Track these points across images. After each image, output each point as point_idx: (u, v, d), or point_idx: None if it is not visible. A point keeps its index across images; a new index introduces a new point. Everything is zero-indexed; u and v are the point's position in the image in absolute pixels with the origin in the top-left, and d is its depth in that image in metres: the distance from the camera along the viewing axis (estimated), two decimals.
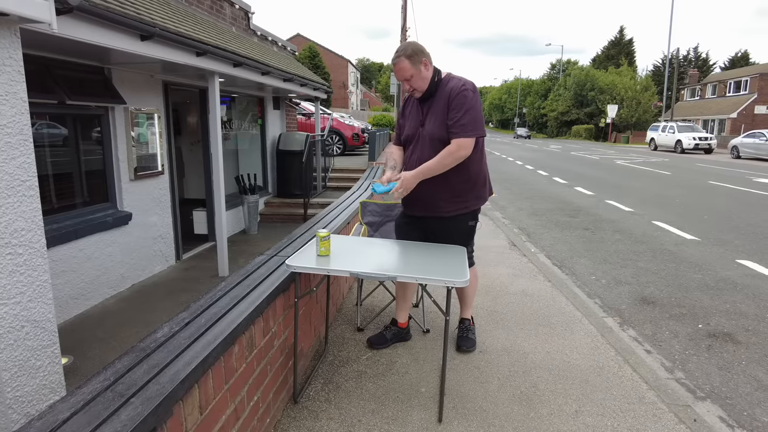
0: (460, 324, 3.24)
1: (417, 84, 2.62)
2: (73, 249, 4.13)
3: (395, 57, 2.59)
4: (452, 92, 2.59)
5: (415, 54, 2.56)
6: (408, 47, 2.59)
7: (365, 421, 2.36)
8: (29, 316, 2.35)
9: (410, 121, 2.79)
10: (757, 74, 33.89)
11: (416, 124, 2.74)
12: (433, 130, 2.64)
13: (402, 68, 2.57)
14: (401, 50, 2.58)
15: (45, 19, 2.28)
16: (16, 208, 2.25)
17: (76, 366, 3.42)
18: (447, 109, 2.60)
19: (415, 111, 2.78)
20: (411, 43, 2.65)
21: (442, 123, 2.60)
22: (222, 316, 1.83)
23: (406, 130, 2.80)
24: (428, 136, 2.66)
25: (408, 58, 2.55)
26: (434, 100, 2.66)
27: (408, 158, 2.79)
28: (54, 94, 3.87)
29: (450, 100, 2.59)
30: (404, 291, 3.12)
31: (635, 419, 2.44)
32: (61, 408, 1.23)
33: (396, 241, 2.82)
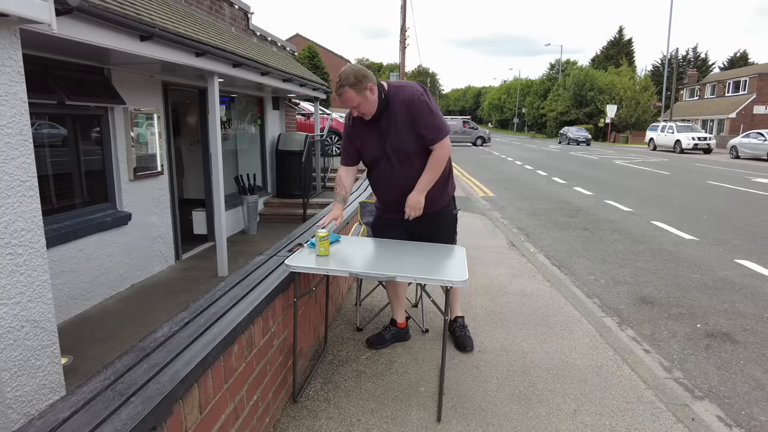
0: (454, 323, 3.23)
1: (365, 109, 2.55)
2: (72, 249, 4.13)
3: (338, 87, 2.49)
4: (411, 103, 2.56)
5: (358, 81, 2.47)
6: (350, 75, 2.47)
7: (364, 420, 2.37)
8: (29, 316, 2.35)
9: (368, 142, 2.71)
10: (756, 74, 33.92)
11: (378, 143, 2.67)
12: (401, 144, 2.61)
13: (348, 98, 2.50)
14: (344, 80, 2.47)
15: (45, 20, 2.29)
16: (16, 208, 2.26)
17: (75, 366, 3.42)
18: (410, 121, 2.57)
19: (370, 131, 2.68)
20: (353, 69, 2.52)
21: (411, 135, 2.59)
22: (221, 315, 1.84)
23: (368, 152, 2.74)
24: (399, 151, 2.63)
25: (352, 87, 2.47)
26: (389, 115, 2.60)
27: (384, 178, 2.75)
28: (53, 95, 3.88)
29: (411, 107, 2.56)
30: (395, 290, 3.13)
31: (633, 418, 2.45)
32: (62, 407, 1.23)
33: (395, 241, 2.83)
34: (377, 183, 2.84)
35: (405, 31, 23.21)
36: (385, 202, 2.89)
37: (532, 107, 62.98)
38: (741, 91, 35.24)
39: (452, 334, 3.20)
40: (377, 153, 2.70)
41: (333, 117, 14.62)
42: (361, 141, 2.74)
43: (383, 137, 2.64)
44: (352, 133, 2.76)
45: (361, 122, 2.68)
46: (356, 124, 2.72)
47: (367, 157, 2.77)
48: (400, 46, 24.13)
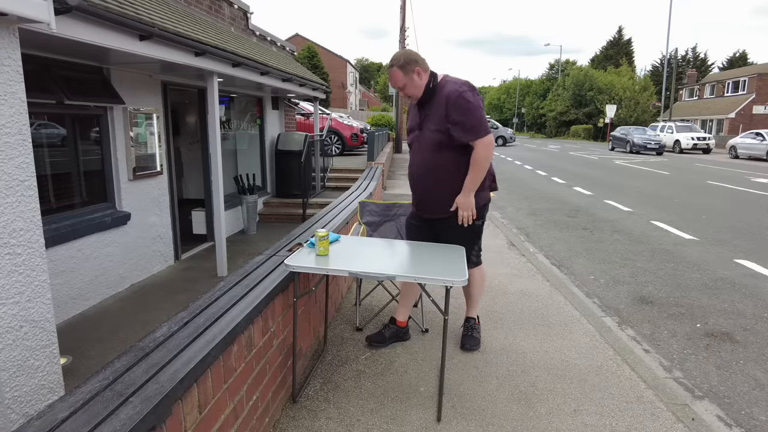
0: (465, 323, 3.24)
1: (410, 92, 2.73)
2: (71, 249, 4.12)
3: (389, 66, 2.70)
4: (449, 97, 2.64)
5: (407, 63, 2.64)
6: (401, 57, 2.67)
7: (364, 420, 2.36)
8: (28, 316, 2.35)
9: (411, 124, 2.93)
10: (756, 74, 33.94)
11: (415, 128, 2.87)
12: (429, 134, 2.74)
13: (394, 78, 2.69)
14: (394, 60, 2.67)
15: (44, 19, 2.28)
16: (15, 208, 2.25)
17: (74, 366, 3.42)
18: (445, 114, 2.64)
19: (414, 115, 2.90)
20: (405, 52, 2.73)
21: (438, 127, 2.68)
22: (221, 315, 1.83)
23: (409, 134, 2.96)
24: (425, 139, 2.78)
25: (400, 68, 2.65)
26: (431, 105, 2.74)
27: (409, 162, 2.96)
28: (53, 94, 3.87)
29: (448, 103, 2.63)
30: (409, 290, 3.13)
31: (633, 418, 2.44)
32: (60, 407, 1.23)
33: (395, 240, 2.84)
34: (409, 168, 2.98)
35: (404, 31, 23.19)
36: (412, 191, 2.98)
37: (532, 107, 62.99)
38: (740, 91, 35.26)
39: (463, 334, 3.21)
40: (413, 135, 2.89)
41: (332, 117, 14.61)
42: (409, 122, 2.98)
43: (421, 123, 2.80)
44: (410, 115, 3.01)
45: (414, 107, 2.89)
46: (411, 109, 2.96)
47: (408, 138, 2.97)
48: (400, 47, 24.13)
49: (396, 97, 23.99)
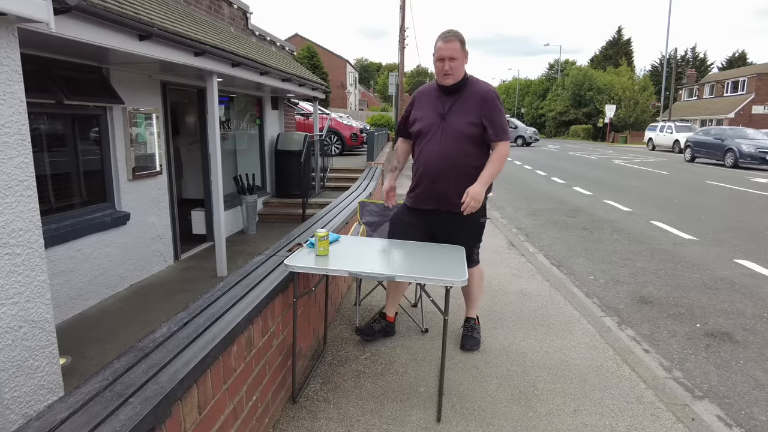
0: (465, 323, 3.24)
1: (456, 69, 2.67)
2: (71, 249, 4.12)
3: (449, 35, 2.62)
4: (488, 94, 2.70)
5: (463, 42, 2.66)
6: (460, 33, 2.66)
7: (364, 420, 2.36)
8: (27, 317, 2.34)
9: (427, 112, 2.79)
10: (755, 74, 33.95)
11: (435, 115, 2.75)
12: (460, 125, 2.69)
13: (453, 48, 2.62)
14: (454, 33, 2.64)
15: (43, 19, 2.28)
16: (14, 208, 2.25)
17: (74, 366, 3.41)
18: (481, 109, 2.68)
19: (433, 102, 2.78)
20: (460, 32, 2.69)
21: (473, 120, 2.68)
22: (220, 315, 1.83)
23: (421, 122, 2.80)
24: (453, 130, 2.70)
25: (460, 42, 2.64)
26: (462, 95, 2.72)
27: (422, 150, 2.80)
28: (52, 94, 3.87)
29: (485, 101, 2.69)
30: (397, 287, 3.15)
31: (633, 418, 2.44)
32: (60, 408, 1.23)
33: (394, 240, 2.83)
34: (420, 159, 2.83)
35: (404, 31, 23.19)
36: (420, 181, 2.82)
37: (531, 107, 63.00)
38: (739, 91, 35.28)
39: (463, 334, 3.21)
40: (430, 124, 2.76)
41: (332, 117, 14.61)
42: (421, 110, 2.84)
43: (445, 111, 2.73)
44: (417, 103, 2.88)
45: (431, 94, 2.82)
46: (425, 95, 2.85)
47: (416, 126, 2.83)
48: (399, 46, 24.10)
49: (396, 97, 23.98)
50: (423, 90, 2.90)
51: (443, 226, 2.84)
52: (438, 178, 2.74)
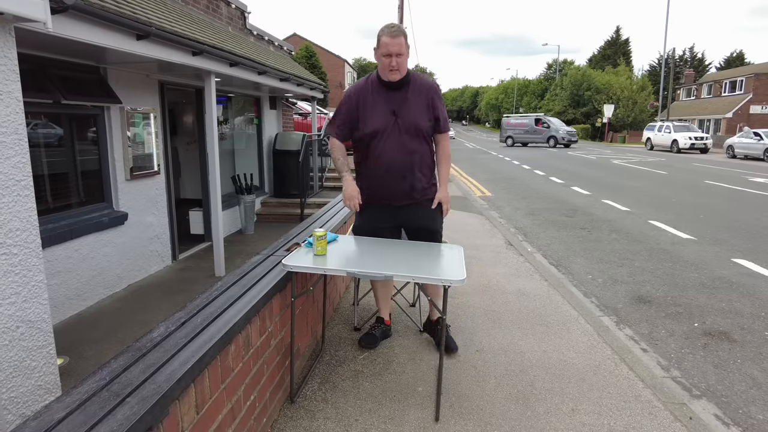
0: (435, 323, 3.14)
1: (402, 65, 2.63)
2: (68, 249, 4.11)
3: (395, 31, 2.56)
4: (432, 88, 2.74)
5: (407, 37, 2.61)
6: (404, 28, 2.62)
7: (362, 420, 2.36)
8: (24, 317, 2.34)
9: (376, 112, 2.69)
10: (753, 74, 34.03)
11: (387, 114, 2.68)
12: (415, 120, 2.69)
13: (400, 44, 2.57)
14: (399, 28, 2.59)
15: (40, 18, 2.27)
16: (11, 207, 2.24)
17: (71, 366, 3.41)
18: (430, 103, 2.72)
19: (382, 100, 2.69)
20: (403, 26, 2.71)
21: (425, 114, 2.72)
22: (218, 315, 1.83)
23: (373, 121, 2.69)
24: (411, 126, 2.68)
25: (405, 37, 2.60)
26: (409, 90, 2.71)
27: (382, 151, 2.70)
28: (49, 94, 3.86)
29: (431, 94, 2.73)
30: (385, 288, 3.15)
31: (631, 417, 2.44)
32: (57, 408, 1.22)
33: (393, 240, 2.82)
34: (377, 160, 2.73)
35: None
36: (380, 186, 2.77)
37: (530, 107, 63.03)
38: (737, 91, 35.35)
39: (434, 335, 3.15)
40: (384, 122, 2.68)
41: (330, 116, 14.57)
42: (366, 109, 2.71)
43: (397, 108, 2.70)
44: (358, 101, 2.73)
45: (372, 91, 2.73)
46: (365, 93, 2.74)
47: (369, 127, 2.69)
48: None
49: None
50: (359, 89, 2.75)
51: (412, 217, 2.83)
52: (406, 175, 2.72)
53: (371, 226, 2.86)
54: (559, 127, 30.55)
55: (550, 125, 30.54)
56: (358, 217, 2.91)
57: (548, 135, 29.97)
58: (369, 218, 2.86)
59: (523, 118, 32.85)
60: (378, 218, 2.84)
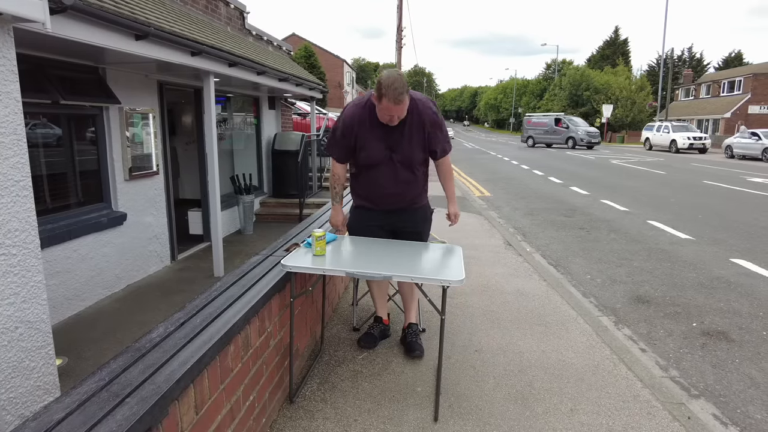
0: (407, 329, 3.09)
1: (403, 115, 2.56)
2: (67, 249, 4.11)
3: (400, 96, 2.41)
4: (427, 118, 2.67)
5: (407, 86, 2.48)
6: (404, 83, 2.44)
7: (361, 420, 2.36)
8: (23, 317, 2.34)
9: (373, 145, 2.69)
10: (751, 74, 34.09)
11: (382, 148, 2.68)
12: (412, 154, 2.72)
13: (404, 107, 2.49)
14: (402, 88, 2.42)
15: (39, 19, 2.27)
16: (10, 208, 2.24)
17: (70, 367, 3.40)
18: (426, 136, 2.70)
19: (377, 134, 2.66)
20: (400, 76, 2.46)
21: (422, 148, 2.72)
22: (217, 315, 1.83)
23: (366, 152, 2.72)
24: (406, 159, 2.72)
25: (408, 94, 2.48)
26: (406, 125, 2.64)
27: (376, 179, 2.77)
28: (48, 94, 3.85)
29: (428, 128, 2.68)
30: (380, 287, 3.15)
31: (630, 417, 2.45)
32: (56, 408, 1.22)
33: (392, 240, 2.83)
34: (372, 183, 2.82)
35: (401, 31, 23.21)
36: (374, 200, 2.88)
37: (529, 107, 63.08)
38: (736, 91, 35.41)
39: (402, 341, 3.09)
40: (380, 157, 2.72)
41: (329, 117, 14.59)
42: (364, 142, 2.70)
43: (393, 144, 2.68)
44: (355, 132, 2.69)
45: (370, 124, 2.65)
46: (363, 126, 2.67)
47: (366, 158, 2.75)
48: (397, 46, 24.11)
49: None
50: (357, 119, 2.67)
51: (405, 221, 2.92)
52: (400, 196, 2.85)
53: (364, 224, 2.95)
54: (579, 127, 28.52)
55: (570, 125, 28.59)
56: (351, 216, 3.05)
57: (567, 136, 28.16)
58: (362, 218, 2.97)
59: (544, 117, 31.03)
60: (371, 218, 2.93)
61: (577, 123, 29.30)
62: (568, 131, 28.15)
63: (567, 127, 28.39)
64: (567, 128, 28.34)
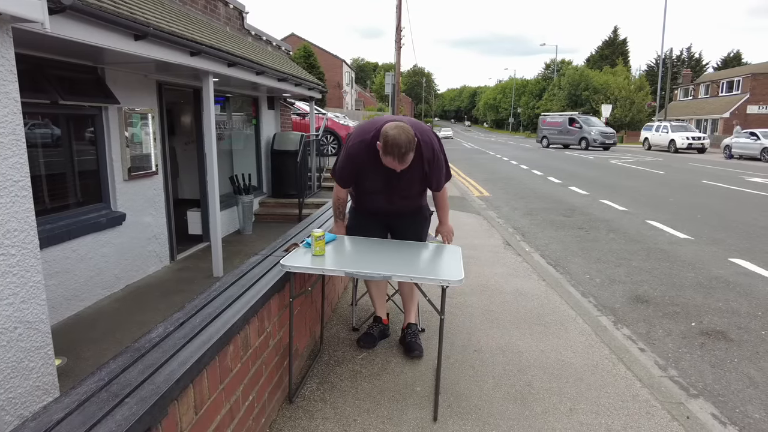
0: (407, 329, 3.10)
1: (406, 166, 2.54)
2: (66, 249, 4.10)
3: (406, 156, 2.42)
4: (427, 160, 2.66)
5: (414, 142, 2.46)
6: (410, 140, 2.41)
7: (360, 420, 2.36)
8: (22, 318, 2.33)
9: (375, 178, 2.71)
10: (750, 74, 34.14)
11: (385, 182, 2.71)
12: (410, 188, 2.79)
13: (409, 161, 2.49)
14: (406, 147, 2.40)
15: (37, 19, 2.27)
16: (9, 208, 2.24)
17: (69, 367, 3.40)
18: (426, 174, 2.72)
19: (380, 173, 2.65)
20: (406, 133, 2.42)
21: (419, 183, 2.77)
22: (217, 315, 1.83)
23: (371, 185, 2.78)
24: (405, 190, 2.79)
25: (413, 150, 2.47)
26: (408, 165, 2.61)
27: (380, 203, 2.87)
28: (47, 94, 3.85)
29: (425, 164, 2.67)
30: (378, 286, 3.15)
31: (629, 417, 2.45)
32: (56, 408, 1.22)
33: (391, 240, 2.83)
34: (372, 201, 2.91)
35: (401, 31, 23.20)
36: (373, 211, 2.97)
37: (528, 107, 63.17)
38: (735, 91, 35.45)
39: (402, 341, 3.10)
40: (380, 188, 2.77)
41: (328, 117, 14.59)
42: (366, 175, 2.73)
43: (394, 181, 2.69)
44: (358, 167, 2.71)
45: (372, 162, 2.62)
46: (365, 161, 2.65)
47: (367, 187, 2.82)
48: (396, 46, 24.10)
49: (392, 97, 24.00)
50: (362, 158, 2.65)
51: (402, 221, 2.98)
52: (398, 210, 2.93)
53: (362, 223, 2.99)
54: (592, 127, 26.65)
55: (583, 125, 26.69)
56: (350, 216, 3.07)
57: (580, 136, 26.34)
58: (360, 217, 3.01)
59: (558, 116, 29.70)
60: (370, 221, 2.97)
61: (591, 122, 27.41)
62: (581, 131, 26.36)
63: (580, 127, 26.62)
64: (580, 128, 26.58)
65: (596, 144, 25.88)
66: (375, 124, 2.64)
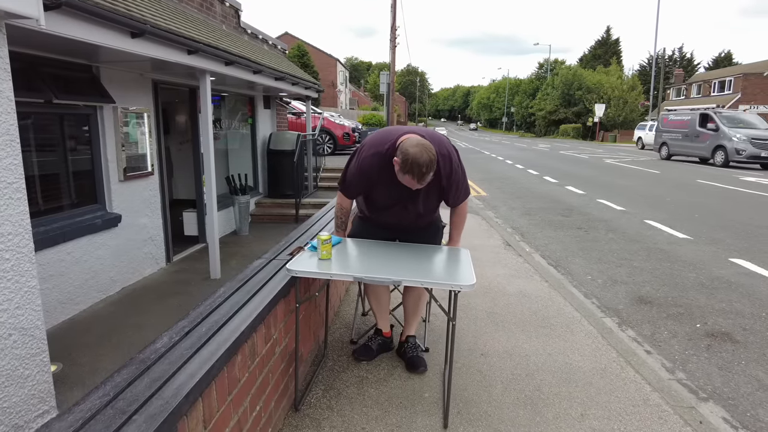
0: (405, 343, 2.94)
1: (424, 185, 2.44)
2: (61, 252, 4.01)
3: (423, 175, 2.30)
4: (445, 176, 2.53)
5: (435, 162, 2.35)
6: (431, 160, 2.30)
7: (369, 428, 2.30)
8: (17, 324, 2.25)
9: (389, 195, 2.60)
10: (741, 74, 34.41)
11: (398, 197, 2.58)
12: (427, 205, 2.66)
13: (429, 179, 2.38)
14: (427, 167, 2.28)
15: (32, 15, 2.19)
16: (3, 211, 2.16)
17: (65, 373, 3.31)
18: (443, 192, 2.62)
19: (394, 190, 2.53)
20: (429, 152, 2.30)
21: (436, 197, 2.66)
22: (224, 324, 1.76)
23: (383, 198, 2.66)
24: (418, 207, 2.64)
25: (434, 169, 2.36)
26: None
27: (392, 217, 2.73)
28: (41, 93, 3.75)
29: (443, 180, 2.54)
30: (377, 295, 2.93)
31: (641, 422, 2.41)
32: (59, 427, 1.15)
33: (399, 243, 2.77)
34: (379, 215, 2.78)
35: (395, 30, 23.13)
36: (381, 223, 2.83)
37: (521, 106, 63.35)
38: (726, 90, 35.72)
39: (403, 356, 2.92)
40: (393, 202, 2.64)
41: (324, 116, 14.50)
42: (379, 187, 2.61)
43: (409, 197, 2.56)
44: (373, 177, 2.56)
45: (387, 177, 2.49)
46: (380, 176, 2.52)
47: (376, 200, 2.70)
48: (390, 45, 24.03)
49: (387, 96, 23.95)
50: (374, 167, 2.51)
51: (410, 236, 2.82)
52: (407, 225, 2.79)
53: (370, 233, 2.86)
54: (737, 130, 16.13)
55: (721, 126, 16.45)
56: (355, 225, 2.95)
57: (714, 144, 16.52)
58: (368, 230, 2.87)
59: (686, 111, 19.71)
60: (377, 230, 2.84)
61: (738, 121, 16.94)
62: (716, 136, 16.45)
63: (716, 129, 16.56)
64: (716, 130, 16.57)
65: (743, 157, 15.69)
66: (391, 136, 2.50)
